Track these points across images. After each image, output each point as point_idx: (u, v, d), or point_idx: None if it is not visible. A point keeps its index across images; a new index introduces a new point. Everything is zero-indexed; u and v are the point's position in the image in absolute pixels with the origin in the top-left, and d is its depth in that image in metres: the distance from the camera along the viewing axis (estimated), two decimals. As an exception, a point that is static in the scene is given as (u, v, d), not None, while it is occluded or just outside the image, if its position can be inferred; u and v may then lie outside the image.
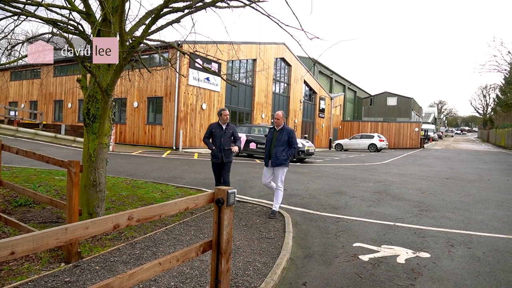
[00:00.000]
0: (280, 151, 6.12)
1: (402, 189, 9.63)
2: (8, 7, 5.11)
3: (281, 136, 6.19)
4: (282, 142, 6.16)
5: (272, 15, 5.40)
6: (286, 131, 6.22)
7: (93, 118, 5.23)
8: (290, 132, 6.23)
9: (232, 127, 6.66)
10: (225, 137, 6.48)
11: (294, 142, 6.22)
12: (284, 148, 6.14)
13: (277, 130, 6.32)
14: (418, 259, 4.43)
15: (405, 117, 49.66)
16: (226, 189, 2.72)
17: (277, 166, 6.15)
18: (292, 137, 6.19)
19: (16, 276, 3.50)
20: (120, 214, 2.10)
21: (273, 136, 6.33)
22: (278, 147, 6.14)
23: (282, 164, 6.13)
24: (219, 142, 6.44)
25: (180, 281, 3.54)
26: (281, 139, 6.17)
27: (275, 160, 6.13)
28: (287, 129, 6.30)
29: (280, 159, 6.10)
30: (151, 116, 20.38)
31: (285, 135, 6.18)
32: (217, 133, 6.48)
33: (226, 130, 6.52)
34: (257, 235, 5.11)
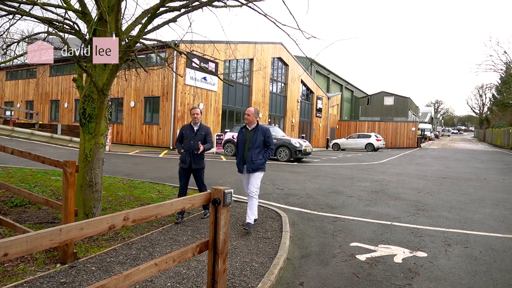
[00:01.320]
0: (256, 154, 5.35)
1: (399, 189, 9.65)
2: (3, 6, 5.07)
3: (255, 136, 5.41)
4: (258, 143, 5.39)
5: (269, 15, 5.38)
6: (261, 130, 5.45)
7: (89, 118, 5.20)
8: (266, 131, 5.48)
9: (205, 129, 5.91)
10: (196, 140, 5.71)
11: (271, 142, 5.52)
12: (260, 150, 5.40)
13: (250, 129, 5.51)
14: (415, 259, 4.43)
15: (402, 117, 49.79)
16: (223, 189, 2.70)
17: (253, 171, 5.36)
18: (268, 136, 5.47)
19: (11, 277, 3.47)
20: (115, 215, 2.08)
21: (246, 137, 5.51)
22: (253, 149, 5.36)
23: (259, 169, 5.38)
24: (188, 145, 5.72)
25: (176, 281, 3.52)
26: (256, 140, 5.39)
27: (251, 165, 5.35)
28: (262, 127, 5.52)
29: (256, 163, 5.34)
30: (148, 116, 20.32)
31: (260, 135, 5.42)
32: (187, 135, 5.80)
33: (198, 132, 5.78)
34: (254, 235, 5.10)
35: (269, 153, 5.50)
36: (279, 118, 30.39)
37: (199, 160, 5.77)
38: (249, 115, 5.50)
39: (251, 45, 24.38)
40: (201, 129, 5.84)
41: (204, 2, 4.97)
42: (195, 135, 5.75)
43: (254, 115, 5.52)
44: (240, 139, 5.59)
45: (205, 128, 5.91)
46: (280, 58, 29.54)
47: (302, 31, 5.34)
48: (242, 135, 5.58)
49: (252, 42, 24.37)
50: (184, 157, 5.75)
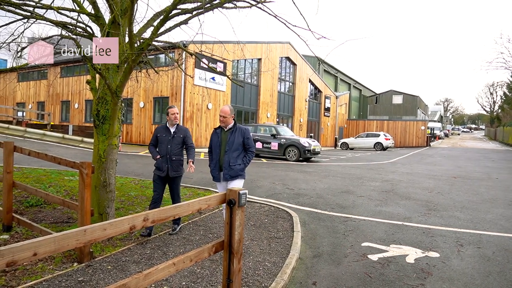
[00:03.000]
0: (234, 158, 4.66)
1: (410, 188, 9.61)
2: (19, 10, 5.18)
3: (233, 138, 4.71)
4: (236, 145, 4.68)
5: (279, 16, 5.42)
6: (239, 131, 4.75)
7: (103, 119, 5.29)
8: (245, 132, 4.79)
9: (183, 130, 5.20)
10: (174, 143, 5.05)
11: (251, 145, 4.81)
12: (239, 154, 4.71)
13: (226, 130, 4.79)
14: (427, 259, 4.43)
15: (411, 116, 49.38)
16: (238, 190, 2.75)
17: (232, 178, 4.65)
18: (248, 137, 4.78)
19: (31, 275, 3.56)
20: (135, 216, 2.14)
21: (222, 139, 4.78)
22: (231, 152, 4.66)
23: (238, 175, 4.67)
24: (165, 150, 5.03)
25: (191, 280, 3.58)
26: (233, 142, 4.68)
27: (228, 171, 4.64)
28: (241, 128, 4.82)
29: (235, 169, 4.65)
30: (157, 116, 20.48)
31: (238, 136, 4.72)
32: (163, 139, 5.09)
33: (176, 135, 5.09)
34: (266, 234, 5.14)
35: (249, 157, 4.78)
36: (287, 118, 30.37)
37: (179, 166, 5.08)
38: (225, 116, 4.73)
39: (259, 45, 24.42)
40: (179, 131, 5.15)
41: (216, 4, 5.02)
42: (173, 138, 5.07)
43: (230, 115, 4.76)
44: (215, 142, 4.83)
45: (183, 130, 5.21)
46: (288, 58, 29.51)
47: (312, 32, 5.36)
48: (217, 136, 4.82)
49: (260, 42, 24.41)
50: (160, 164, 5.04)
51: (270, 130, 17.62)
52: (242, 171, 4.74)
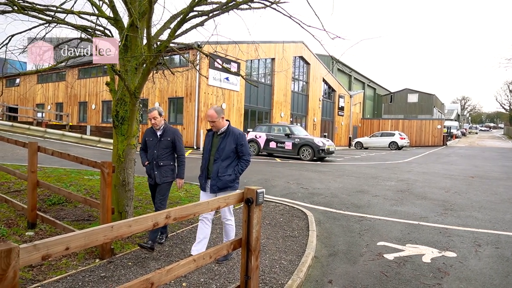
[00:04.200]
0: (224, 168, 4.02)
1: (426, 188, 9.51)
2: (42, 15, 5.36)
3: (224, 143, 4.06)
4: (227, 152, 4.04)
5: (294, 16, 5.47)
6: (232, 136, 4.10)
7: (122, 120, 5.43)
8: (239, 137, 4.11)
9: (172, 132, 4.67)
10: (160, 147, 4.59)
11: (246, 152, 4.13)
12: (230, 163, 4.06)
13: (218, 134, 4.16)
14: (444, 259, 4.41)
15: (427, 114, 48.65)
16: (255, 189, 2.81)
17: (220, 190, 4.01)
18: (242, 144, 4.10)
19: (56, 270, 3.70)
20: (158, 213, 2.23)
21: (213, 144, 4.18)
22: (221, 161, 4.03)
23: (227, 187, 4.03)
24: (151, 155, 4.62)
25: (209, 277, 3.67)
26: (224, 149, 4.04)
27: (216, 182, 4.01)
28: (234, 132, 4.13)
29: (223, 179, 4.00)
30: (172, 116, 20.73)
31: (230, 141, 4.07)
32: (150, 143, 4.68)
33: (162, 138, 4.61)
34: (281, 233, 5.19)
35: (242, 166, 4.12)
36: (301, 117, 30.32)
37: (167, 172, 4.60)
38: (213, 120, 4.07)
39: (272, 45, 24.46)
40: (166, 133, 4.64)
41: (232, 6, 5.10)
42: (159, 141, 4.61)
43: (219, 118, 4.09)
44: (206, 146, 4.25)
45: (171, 132, 4.68)
46: (301, 57, 29.46)
47: (327, 32, 5.38)
48: (208, 140, 4.24)
49: (273, 42, 24.45)
50: (148, 170, 4.69)
51: (284, 129, 17.64)
52: (232, 182, 4.06)
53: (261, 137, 17.90)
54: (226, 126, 4.17)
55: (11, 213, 5.42)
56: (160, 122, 4.65)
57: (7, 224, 4.99)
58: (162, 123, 4.67)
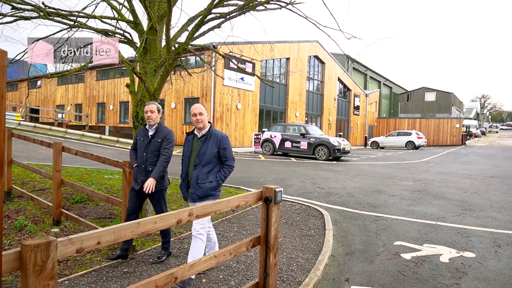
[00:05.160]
0: (205, 174, 3.59)
1: (443, 188, 9.40)
2: (65, 20, 5.55)
3: (205, 147, 3.64)
4: (208, 157, 3.61)
5: (310, 17, 5.52)
6: (214, 139, 3.65)
7: (142, 120, 5.57)
8: (222, 140, 3.67)
9: (165, 132, 4.12)
10: (150, 149, 4.05)
11: (229, 157, 3.70)
12: (211, 169, 3.63)
13: (199, 137, 3.70)
14: (462, 259, 4.39)
15: (445, 113, 47.71)
16: (274, 188, 2.88)
17: (200, 199, 3.60)
18: (225, 148, 3.66)
19: (81, 266, 3.86)
20: (181, 211, 2.32)
21: (193, 148, 3.73)
22: (201, 167, 3.60)
23: (208, 196, 3.60)
24: (141, 158, 4.07)
25: (228, 274, 3.76)
26: (205, 153, 3.61)
27: (195, 190, 3.59)
28: (216, 134, 3.69)
29: (204, 187, 3.58)
30: (188, 117, 20.97)
31: (212, 145, 3.63)
32: (141, 144, 4.13)
33: (153, 139, 4.06)
34: (298, 232, 5.25)
35: (225, 171, 3.70)
36: (315, 117, 30.22)
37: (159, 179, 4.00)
38: (202, 113, 3.67)
39: (287, 44, 24.47)
40: (158, 134, 4.10)
41: (249, 7, 5.18)
42: (149, 143, 4.07)
43: (207, 114, 3.78)
44: (185, 150, 3.78)
45: (164, 132, 4.13)
46: (316, 56, 29.36)
47: (343, 32, 5.42)
48: (188, 145, 3.78)
49: (288, 42, 24.45)
50: (135, 175, 4.12)
51: (299, 129, 17.65)
52: (214, 190, 3.63)
53: (276, 137, 17.95)
54: (207, 128, 3.72)
55: (37, 210, 5.64)
56: (156, 118, 4.11)
57: (33, 221, 5.19)
58: (157, 121, 4.14)
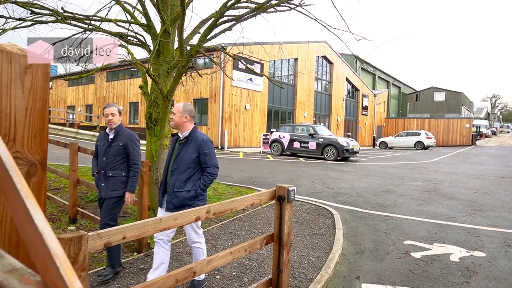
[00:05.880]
0: (182, 182, 3.26)
1: (453, 188, 9.38)
2: (80, 23, 5.70)
3: (184, 151, 3.32)
4: (186, 162, 3.28)
5: (319, 19, 5.59)
6: (194, 142, 3.32)
7: (155, 121, 5.71)
8: (203, 145, 3.31)
9: (126, 136, 3.80)
10: (110, 154, 3.74)
11: (211, 163, 3.32)
12: (190, 176, 3.29)
13: (180, 140, 3.40)
14: (472, 258, 4.42)
15: (455, 113, 47.30)
16: (287, 186, 2.97)
17: (176, 209, 3.10)
18: (206, 153, 3.30)
19: (99, 262, 3.98)
20: (200, 208, 2.42)
21: (173, 151, 3.44)
22: (179, 173, 3.28)
23: (184, 205, 3.20)
24: (101, 163, 3.78)
25: (240, 271, 3.85)
26: (183, 158, 3.29)
27: (171, 198, 3.26)
28: (198, 137, 3.35)
29: (180, 197, 3.24)
30: (197, 117, 21.15)
31: (191, 149, 3.30)
32: (101, 148, 3.83)
33: (114, 142, 3.73)
34: (308, 231, 5.32)
35: (205, 180, 3.30)
36: (324, 117, 30.21)
37: (116, 185, 3.72)
38: (174, 113, 3.36)
39: (295, 45, 24.52)
40: (118, 137, 3.76)
41: (260, 10, 5.26)
42: (109, 146, 3.75)
43: (183, 114, 3.33)
44: (169, 153, 3.52)
45: (125, 135, 3.80)
46: (324, 57, 29.35)
47: (353, 34, 5.49)
48: (171, 147, 3.51)
49: (296, 42, 24.50)
50: (97, 182, 3.87)
51: (308, 129, 17.69)
52: (192, 200, 3.26)
53: (285, 137, 18.02)
54: (189, 130, 3.37)
55: (54, 209, 5.80)
56: (117, 121, 3.80)
57: (50, 219, 5.35)
58: (118, 124, 3.81)
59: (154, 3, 5.58)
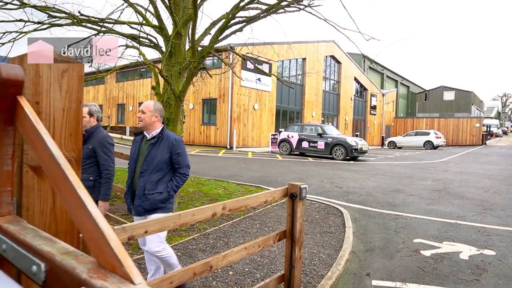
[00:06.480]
0: (153, 183, 3.10)
1: (463, 188, 9.36)
2: (94, 25, 5.84)
3: (154, 151, 3.14)
4: (158, 163, 3.12)
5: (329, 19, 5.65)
6: (166, 142, 3.17)
7: (167, 121, 5.82)
8: (175, 145, 3.18)
9: (97, 138, 3.49)
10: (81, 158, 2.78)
11: (183, 164, 3.21)
12: (162, 177, 3.14)
13: (148, 139, 3.21)
14: (482, 256, 4.45)
15: (464, 112, 46.87)
16: (299, 184, 3.05)
17: (147, 213, 3.09)
18: (178, 153, 3.18)
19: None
20: (216, 205, 2.51)
21: (140, 151, 3.25)
22: (149, 173, 3.10)
23: (156, 209, 3.10)
24: None
25: (253, 267, 3.94)
26: (154, 158, 3.12)
27: (142, 201, 3.08)
28: (169, 137, 3.21)
29: (152, 199, 3.08)
30: (206, 117, 21.31)
31: (163, 149, 3.15)
32: None
33: (84, 145, 3.32)
34: (318, 229, 5.39)
35: (178, 181, 3.19)
36: (332, 117, 30.18)
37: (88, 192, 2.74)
38: (144, 112, 3.17)
39: (303, 45, 24.54)
40: (88, 140, 3.45)
41: (271, 11, 5.35)
42: None
43: (153, 114, 3.17)
44: (132, 152, 3.30)
45: (99, 137, 3.51)
46: (332, 56, 29.32)
47: (362, 34, 5.54)
48: (135, 147, 3.29)
49: (304, 42, 24.52)
50: None
51: (316, 129, 17.72)
52: (165, 202, 3.14)
53: (293, 137, 18.07)
54: (159, 129, 3.21)
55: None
56: (87, 123, 3.51)
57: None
58: (89, 126, 3.53)
59: (167, 6, 5.70)
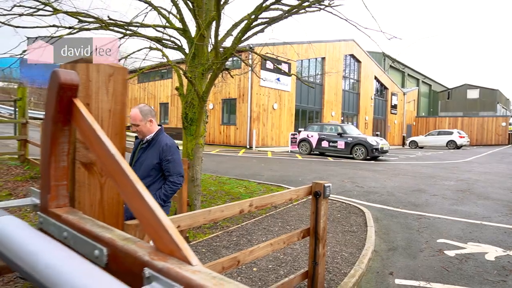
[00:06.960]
0: None
1: (488, 188, 9.15)
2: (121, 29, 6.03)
3: (144, 156, 3.04)
4: (146, 168, 2.99)
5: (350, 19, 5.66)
6: (157, 147, 3.01)
7: (191, 121, 5.97)
8: (166, 149, 3.00)
9: None
10: None
11: (174, 171, 3.01)
12: (149, 185, 2.97)
13: (143, 143, 3.09)
14: (509, 258, 4.39)
15: (489, 111, 45.46)
16: (323, 183, 3.11)
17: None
18: (168, 160, 2.99)
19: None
20: (243, 202, 2.60)
21: (134, 155, 3.17)
22: None
23: None
24: None
25: (276, 264, 4.02)
26: (142, 163, 3.02)
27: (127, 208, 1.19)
28: (161, 141, 3.03)
29: None
30: (226, 117, 21.51)
31: (153, 154, 3.01)
32: None
33: None
34: (340, 228, 5.42)
35: (167, 189, 2.98)
36: (352, 116, 29.90)
37: None
38: (137, 124, 3.00)
39: (322, 44, 24.42)
40: None
41: (293, 12, 5.40)
42: None
43: (145, 120, 3.00)
44: (130, 158, 3.21)
45: None
46: (352, 55, 29.04)
47: (384, 33, 5.53)
48: (133, 151, 3.23)
49: (324, 41, 24.40)
50: None
51: (336, 129, 17.63)
52: None
53: (313, 137, 18.04)
54: (154, 132, 3.06)
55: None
56: None
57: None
58: None
59: (190, 9, 5.84)
